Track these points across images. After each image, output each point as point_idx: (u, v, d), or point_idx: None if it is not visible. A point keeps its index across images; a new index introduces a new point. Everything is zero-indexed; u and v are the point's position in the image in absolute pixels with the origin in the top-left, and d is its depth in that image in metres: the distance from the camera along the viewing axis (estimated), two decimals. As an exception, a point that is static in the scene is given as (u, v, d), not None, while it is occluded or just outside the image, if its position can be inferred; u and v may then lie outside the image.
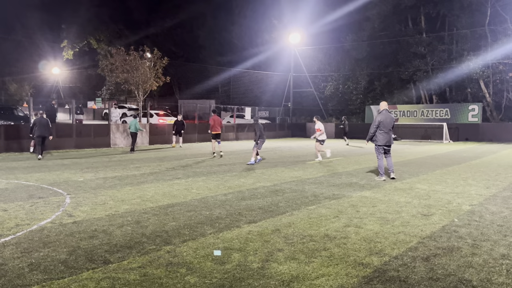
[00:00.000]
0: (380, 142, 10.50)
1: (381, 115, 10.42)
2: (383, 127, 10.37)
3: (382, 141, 10.45)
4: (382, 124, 10.35)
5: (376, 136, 10.51)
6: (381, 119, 10.33)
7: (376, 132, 10.47)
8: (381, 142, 10.47)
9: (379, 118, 10.36)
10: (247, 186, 9.71)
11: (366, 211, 7.13)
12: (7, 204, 7.48)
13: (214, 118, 16.71)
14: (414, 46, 36.22)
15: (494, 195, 8.61)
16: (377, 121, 10.37)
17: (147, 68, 27.02)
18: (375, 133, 10.48)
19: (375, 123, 10.39)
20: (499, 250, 5.05)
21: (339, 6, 37.02)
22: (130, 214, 6.78)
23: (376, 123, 10.38)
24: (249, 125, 33.31)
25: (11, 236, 5.50)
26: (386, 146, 10.57)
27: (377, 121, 10.37)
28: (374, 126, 10.43)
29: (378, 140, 10.51)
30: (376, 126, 10.39)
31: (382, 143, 10.49)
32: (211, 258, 4.72)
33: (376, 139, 10.55)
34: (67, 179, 10.67)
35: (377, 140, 10.53)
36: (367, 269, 4.44)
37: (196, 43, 56.10)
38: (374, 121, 10.47)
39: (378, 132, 10.44)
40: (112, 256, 4.76)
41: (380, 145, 10.54)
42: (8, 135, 18.44)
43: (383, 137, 10.43)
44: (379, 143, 10.53)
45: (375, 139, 10.57)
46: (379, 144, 10.54)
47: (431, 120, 32.54)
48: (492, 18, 32.86)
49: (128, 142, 22.58)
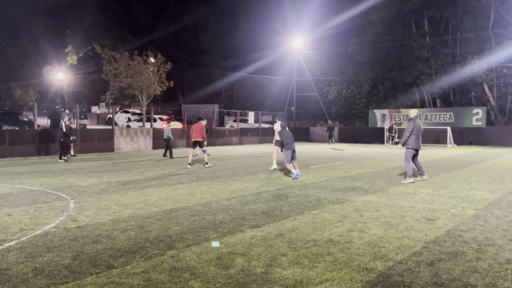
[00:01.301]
0: (413, 146, 11.27)
1: (415, 121, 11.29)
2: (417, 132, 11.23)
3: (415, 144, 11.25)
4: (416, 129, 11.22)
5: (410, 139, 11.28)
6: (415, 125, 11.22)
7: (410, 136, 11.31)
8: (414, 146, 11.26)
9: (414, 124, 11.21)
10: (251, 190, 9.70)
11: (370, 215, 7.11)
12: (11, 209, 7.51)
13: (195, 125, 15.30)
14: (418, 50, 36.20)
15: (499, 199, 8.56)
16: (411, 126, 11.20)
17: (150, 73, 27.16)
18: (410, 137, 11.27)
19: (410, 128, 11.19)
20: (504, 255, 5.02)
21: (342, 10, 37.10)
22: (133, 219, 6.79)
23: (410, 128, 11.19)
24: (252, 130, 33.33)
25: (16, 241, 5.51)
26: (417, 150, 11.42)
27: (411, 126, 11.20)
28: (409, 131, 11.21)
29: (412, 143, 11.26)
30: (411, 131, 11.21)
31: (415, 147, 11.27)
32: (215, 263, 4.71)
33: (409, 143, 11.30)
34: (71, 183, 10.71)
35: (411, 144, 11.28)
36: (371, 274, 4.42)
37: (200, 48, 56.34)
38: (408, 126, 11.25)
39: (412, 137, 11.25)
40: (116, 261, 4.76)
41: (413, 148, 11.30)
42: (13, 140, 18.55)
43: (416, 141, 11.23)
44: (413, 147, 11.29)
45: (409, 143, 11.33)
46: (413, 148, 11.30)
47: (435, 124, 32.45)
48: (496, 22, 32.81)
49: (132, 147, 22.66)
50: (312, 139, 37.13)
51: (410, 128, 11.17)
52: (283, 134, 12.41)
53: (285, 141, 12.27)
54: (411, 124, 11.19)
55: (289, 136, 12.33)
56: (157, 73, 27.49)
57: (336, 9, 38.22)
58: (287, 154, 12.10)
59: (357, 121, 40.35)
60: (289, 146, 12.17)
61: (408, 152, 11.34)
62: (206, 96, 51.14)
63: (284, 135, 12.37)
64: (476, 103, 35.11)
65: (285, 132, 12.42)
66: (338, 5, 38.74)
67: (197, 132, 15.09)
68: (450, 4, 34.64)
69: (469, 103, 35.72)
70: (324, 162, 17.02)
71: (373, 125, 35.74)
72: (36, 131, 19.58)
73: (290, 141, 12.25)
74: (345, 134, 35.20)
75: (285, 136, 12.32)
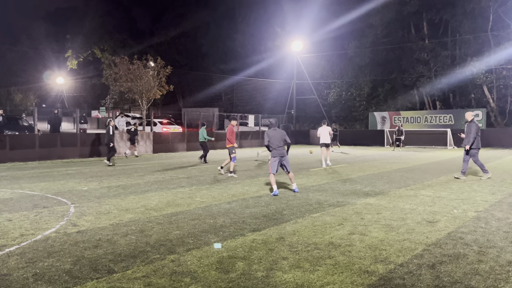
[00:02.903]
0: (478, 146, 12.23)
1: (475, 123, 12.08)
2: (479, 133, 12.24)
3: (478, 144, 12.23)
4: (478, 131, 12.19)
5: (476, 141, 12.13)
6: (477, 127, 12.09)
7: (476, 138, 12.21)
8: (478, 146, 12.23)
9: (476, 126, 12.06)
10: (251, 194, 9.69)
11: (371, 218, 7.10)
12: (12, 214, 7.50)
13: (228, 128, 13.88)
14: (417, 52, 36.25)
15: (500, 201, 8.55)
16: (474, 129, 12.06)
17: (150, 77, 27.19)
18: (475, 139, 12.14)
19: (476, 130, 12.03)
20: (506, 257, 5.01)
21: (341, 13, 37.17)
22: (134, 223, 6.78)
23: (474, 130, 12.07)
24: (253, 133, 33.35)
25: (16, 246, 5.51)
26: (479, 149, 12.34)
27: (474, 129, 12.06)
28: (474, 132, 12.04)
29: (478, 144, 12.17)
30: (476, 133, 12.08)
31: (478, 147, 12.25)
32: (216, 267, 4.70)
33: (475, 144, 12.16)
34: (71, 188, 10.70)
35: (476, 145, 12.16)
36: (372, 277, 4.41)
37: (200, 52, 56.46)
38: (471, 129, 12.04)
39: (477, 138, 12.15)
40: (117, 266, 4.75)
41: (476, 148, 12.16)
42: (13, 144, 18.55)
43: (477, 142, 12.17)
44: (478, 146, 12.17)
45: (474, 144, 12.16)
46: (478, 148, 12.19)
47: (435, 126, 32.45)
48: (495, 23, 32.86)
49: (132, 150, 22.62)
50: (312, 142, 37.09)
51: (474, 130, 11.98)
52: (269, 135, 9.50)
53: (271, 144, 9.45)
54: (474, 126, 11.95)
55: (277, 138, 9.40)
56: (157, 77, 27.54)
57: (336, 12, 38.30)
58: (273, 162, 9.41)
59: (357, 124, 40.35)
60: (276, 152, 9.39)
61: (476, 153, 12.22)
62: (206, 99, 51.21)
63: (271, 136, 9.47)
64: (476, 105, 35.11)
65: (271, 133, 9.51)
66: (337, 8, 38.83)
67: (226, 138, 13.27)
68: (449, 6, 34.71)
69: (469, 105, 35.73)
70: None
71: (373, 128, 35.73)
72: (37, 136, 19.59)
73: (278, 144, 9.39)
74: (345, 137, 35.13)
75: (272, 137, 9.44)
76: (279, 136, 9.42)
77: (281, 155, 9.41)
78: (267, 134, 9.54)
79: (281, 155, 9.42)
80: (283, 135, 9.49)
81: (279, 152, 9.40)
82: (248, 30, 50.29)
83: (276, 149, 9.38)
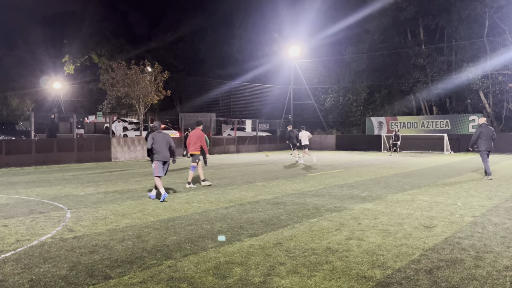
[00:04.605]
0: (482, 148, 12.94)
1: (482, 127, 12.99)
2: (484, 136, 12.92)
3: (483, 147, 12.92)
4: (483, 134, 12.93)
5: (479, 143, 12.99)
6: (481, 131, 12.95)
7: (478, 140, 12.98)
8: (483, 148, 12.93)
9: (480, 130, 12.96)
10: (248, 199, 9.68)
11: (368, 223, 7.10)
12: (7, 220, 7.46)
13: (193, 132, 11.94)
14: (414, 58, 36.44)
15: (497, 206, 8.57)
16: (478, 132, 12.98)
17: (148, 82, 27.14)
18: (476, 141, 13.01)
19: (476, 134, 12.99)
20: (503, 262, 5.01)
21: (338, 19, 37.33)
22: (131, 229, 6.75)
23: (477, 134, 13.00)
24: (250, 138, 33.35)
25: (12, 252, 5.47)
26: (488, 151, 13.02)
27: (478, 132, 12.98)
28: (476, 136, 13.01)
29: (481, 146, 12.94)
30: (477, 137, 12.96)
31: (483, 149, 12.93)
32: (213, 273, 4.68)
33: (478, 146, 12.99)
34: (68, 193, 10.66)
35: (479, 147, 12.97)
36: (369, 282, 4.40)
37: (197, 57, 56.53)
38: (475, 132, 13.10)
39: (480, 140, 12.92)
40: (113, 272, 4.73)
41: (482, 150, 12.92)
42: (10, 150, 18.48)
43: (484, 144, 12.89)
44: (481, 149, 12.95)
45: (478, 146, 13.01)
46: (482, 150, 12.94)
47: (431, 132, 32.55)
48: (491, 29, 33.11)
49: (129, 156, 22.60)
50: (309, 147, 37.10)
51: (477, 134, 12.91)
52: (154, 138, 9.30)
53: (156, 148, 9.27)
54: (478, 130, 12.98)
55: (161, 142, 9.30)
56: (154, 82, 27.49)
57: (333, 18, 38.47)
58: (158, 165, 9.28)
59: (354, 129, 40.41)
60: (160, 155, 9.29)
61: (481, 154, 13.01)
62: (204, 104, 51.21)
63: (156, 139, 9.28)
64: (472, 110, 35.27)
65: (156, 136, 9.32)
66: (334, 13, 39.01)
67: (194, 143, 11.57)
68: (445, 13, 34.95)
69: (466, 110, 35.88)
70: (322, 169, 17.02)
71: (370, 133, 35.80)
72: (33, 141, 19.53)
73: (163, 148, 9.29)
74: (342, 142, 35.24)
75: (156, 141, 9.28)
76: (163, 140, 9.39)
77: (164, 159, 9.39)
78: (152, 137, 9.37)
79: (165, 159, 9.40)
80: (167, 139, 9.47)
81: (163, 156, 9.36)
82: (245, 36, 50.42)
83: (161, 152, 9.34)
